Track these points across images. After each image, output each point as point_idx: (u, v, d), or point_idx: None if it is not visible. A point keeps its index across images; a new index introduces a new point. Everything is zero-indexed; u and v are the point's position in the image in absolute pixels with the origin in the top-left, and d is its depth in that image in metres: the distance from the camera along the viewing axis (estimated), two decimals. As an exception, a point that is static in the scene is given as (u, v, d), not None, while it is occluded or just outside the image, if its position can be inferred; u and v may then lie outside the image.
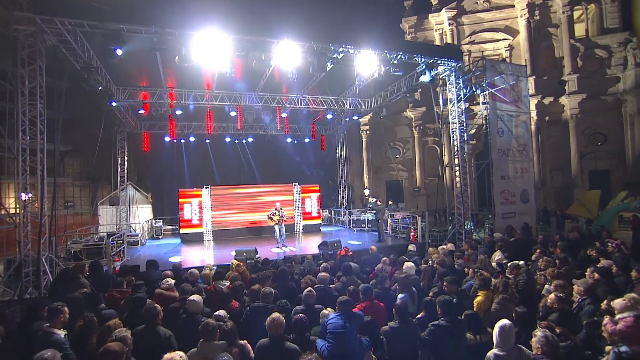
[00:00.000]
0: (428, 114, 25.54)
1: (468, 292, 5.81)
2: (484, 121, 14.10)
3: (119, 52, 8.64)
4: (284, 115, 15.05)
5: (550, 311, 4.68)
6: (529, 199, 12.83)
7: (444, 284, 5.40)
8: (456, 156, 12.90)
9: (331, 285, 6.21)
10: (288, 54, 9.91)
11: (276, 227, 12.98)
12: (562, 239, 8.55)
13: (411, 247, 9.51)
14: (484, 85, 12.58)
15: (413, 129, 26.85)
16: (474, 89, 13.41)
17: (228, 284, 6.35)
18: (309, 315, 4.88)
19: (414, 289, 6.01)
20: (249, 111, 14.57)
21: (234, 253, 10.73)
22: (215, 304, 5.72)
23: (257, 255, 10.97)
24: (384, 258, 7.82)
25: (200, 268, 7.76)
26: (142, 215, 17.62)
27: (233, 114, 14.39)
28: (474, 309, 5.35)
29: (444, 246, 9.33)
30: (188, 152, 18.80)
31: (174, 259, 11.40)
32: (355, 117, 16.56)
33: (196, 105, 15.71)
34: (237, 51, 9.52)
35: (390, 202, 16.37)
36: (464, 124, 12.58)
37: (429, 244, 13.80)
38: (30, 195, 16.44)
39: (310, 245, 13.40)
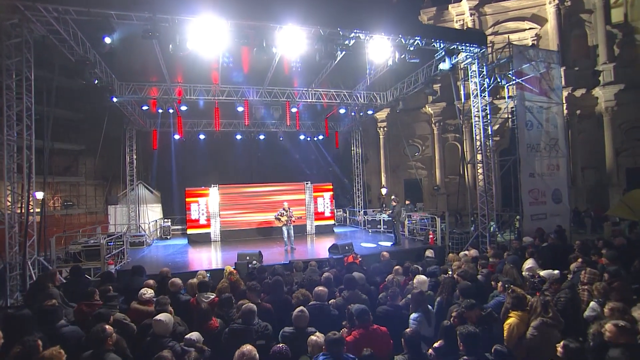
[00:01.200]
0: (448, 109, 24.15)
1: (496, 314, 4.72)
2: (509, 115, 12.83)
3: (107, 40, 7.92)
4: (294, 110, 14.15)
5: (608, 345, 3.56)
6: (562, 199, 11.45)
7: (463, 310, 4.31)
8: (479, 152, 11.65)
9: (331, 301, 5.25)
10: (292, 41, 8.98)
11: (284, 228, 12.09)
12: (606, 245, 7.26)
13: (429, 252, 8.40)
14: (509, 75, 11.31)
15: (432, 125, 25.46)
16: (498, 80, 12.15)
17: (213, 297, 5.47)
18: (298, 342, 3.94)
19: (430, 307, 4.97)
20: (257, 106, 13.71)
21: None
22: (193, 322, 4.86)
23: (260, 259, 10.11)
24: (397, 267, 6.77)
25: (197, 273, 6.94)
26: (152, 214, 17.07)
27: (240, 109, 13.58)
28: (505, 335, 4.29)
29: (466, 252, 8.20)
30: (198, 150, 18.16)
31: (177, 262, 10.67)
32: (369, 112, 15.48)
33: (205, 103, 15.05)
34: (236, 38, 8.64)
35: (407, 202, 15.23)
36: (488, 116, 11.31)
37: (449, 247, 12.63)
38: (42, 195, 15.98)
39: (321, 248, 12.44)
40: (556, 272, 5.65)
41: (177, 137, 17.02)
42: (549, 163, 11.36)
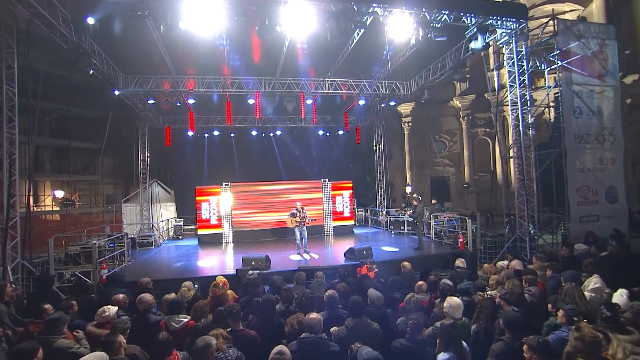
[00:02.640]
0: (478, 102, 22.32)
1: (557, 353, 3.33)
2: (549, 104, 11.14)
3: (90, 20, 6.96)
4: (309, 101, 12.92)
5: None
6: (618, 198, 9.66)
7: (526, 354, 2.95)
8: (516, 144, 10.02)
9: (333, 329, 4.00)
10: (299, 18, 7.75)
11: (297, 229, 10.91)
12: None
13: (460, 262, 6.97)
14: (550, 59, 9.64)
15: (461, 119, 23.63)
16: (538, 64, 10.48)
17: (187, 320, 4.33)
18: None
19: (464, 344, 3.63)
20: (270, 98, 12.58)
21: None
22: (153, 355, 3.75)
23: (267, 265, 8.97)
24: (420, 283, 5.41)
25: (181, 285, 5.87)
26: (165, 213, 16.36)
27: (251, 101, 12.49)
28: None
29: (505, 262, 6.71)
30: (212, 147, 17.29)
31: (179, 266, 9.71)
32: (392, 103, 14.03)
33: (219, 98, 14.12)
34: (235, 16, 7.52)
35: (434, 201, 13.68)
36: (528, 102, 9.65)
37: (480, 252, 11.07)
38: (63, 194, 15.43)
39: (337, 252, 11.17)
40: (624, 292, 4.21)
41: (190, 133, 16.17)
42: (601, 156, 9.60)
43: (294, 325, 3.87)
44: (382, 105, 13.84)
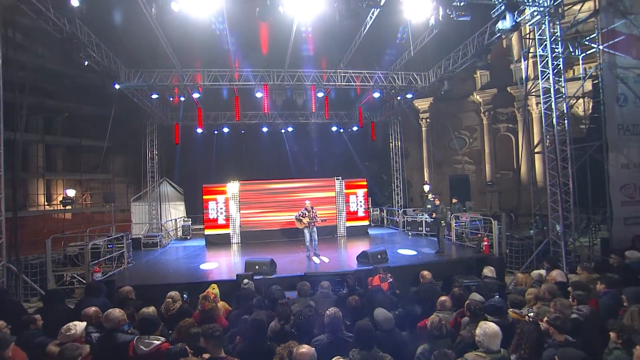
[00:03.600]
0: (500, 96, 21.00)
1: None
2: (583, 92, 9.93)
3: (74, 2, 6.28)
4: (320, 94, 12.06)
5: None
6: (669, 198, 8.42)
7: None
8: (548, 138, 8.87)
9: (335, 361, 3.13)
10: (305, -3, 6.91)
11: (306, 231, 10.06)
12: None
13: (488, 270, 5.95)
14: (585, 43, 8.49)
15: (481, 114, 22.27)
16: (571, 49, 9.34)
17: (159, 343, 3.53)
18: None
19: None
20: (278, 91, 11.77)
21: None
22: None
23: (271, 270, 8.16)
24: (443, 298, 4.47)
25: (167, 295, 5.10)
26: (175, 213, 15.80)
27: (259, 95, 11.72)
28: None
29: (541, 272, 5.68)
30: (222, 145, 16.63)
31: (179, 269, 9.01)
32: (409, 96, 13.00)
33: (229, 93, 13.47)
34: (234, -5, 6.73)
35: (454, 201, 12.59)
36: (562, 90, 8.49)
37: (506, 256, 9.97)
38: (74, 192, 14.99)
39: (350, 255, 10.26)
40: None
41: (199, 130, 15.55)
42: (651, 150, 8.38)
43: (284, 358, 3.02)
44: (399, 97, 12.81)
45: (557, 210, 8.40)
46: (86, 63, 8.75)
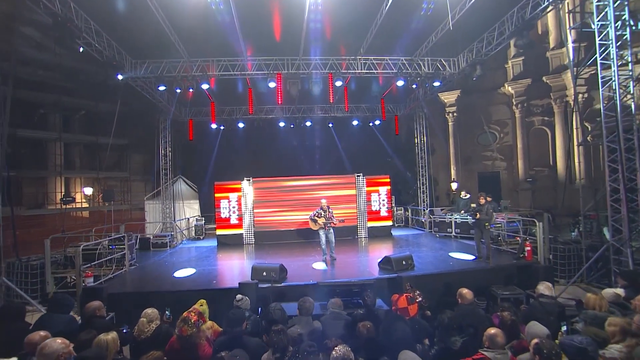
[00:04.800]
0: (534, 87, 19.12)
1: None
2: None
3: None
4: (338, 83, 10.89)
5: None
6: None
7: None
8: (607, 126, 7.32)
9: None
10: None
11: (321, 232, 8.96)
12: None
13: (544, 287, 4.58)
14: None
15: (513, 107, 20.41)
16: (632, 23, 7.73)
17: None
18: None
19: None
20: (293, 80, 10.70)
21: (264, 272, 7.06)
22: None
23: (280, 277, 7.08)
24: (492, 331, 3.22)
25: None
26: (189, 211, 15.05)
27: (272, 85, 10.68)
28: None
29: (620, 291, 4.32)
30: (238, 141, 15.76)
31: (181, 274, 8.09)
32: (436, 84, 11.63)
33: (243, 86, 12.55)
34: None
35: (488, 199, 11.11)
36: (630, 64, 6.95)
37: (550, 262, 8.48)
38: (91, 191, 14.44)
39: (371, 260, 9.06)
40: None
41: (214, 126, 14.74)
42: None
43: None
44: (426, 85, 11.45)
45: (620, 211, 6.89)
46: (81, 49, 7.94)
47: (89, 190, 16.69)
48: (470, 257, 8.78)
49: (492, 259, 8.06)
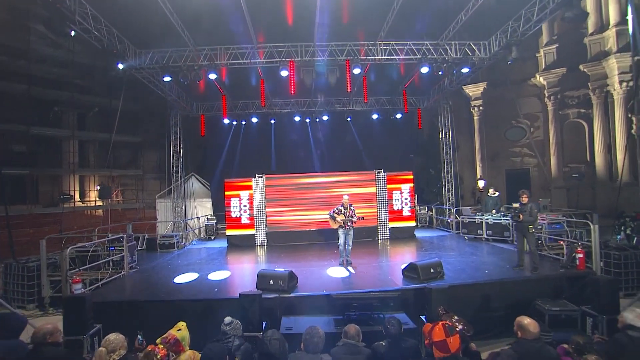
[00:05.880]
0: (569, 77, 17.46)
1: None
2: None
3: None
4: (356, 71, 9.85)
5: None
6: None
7: None
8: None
9: None
10: None
11: (340, 232, 7.97)
12: None
13: (633, 316, 3.37)
14: None
15: (545, 99, 18.76)
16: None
17: None
18: None
19: None
20: (307, 69, 9.72)
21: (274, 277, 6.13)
22: None
23: (290, 286, 6.12)
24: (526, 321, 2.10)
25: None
26: (201, 210, 14.33)
27: (284, 73, 9.73)
28: None
29: None
30: (251, 136, 14.91)
31: (182, 280, 7.24)
32: (464, 70, 10.40)
33: (256, 79, 11.71)
34: None
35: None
36: None
37: (602, 270, 7.15)
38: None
39: (393, 267, 7.98)
40: None
41: (226, 121, 13.95)
42: None
43: None
44: (453, 72, 10.20)
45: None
46: (73, 33, 7.20)
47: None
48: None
49: (539, 268, 6.83)
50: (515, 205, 7.11)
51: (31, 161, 14.76)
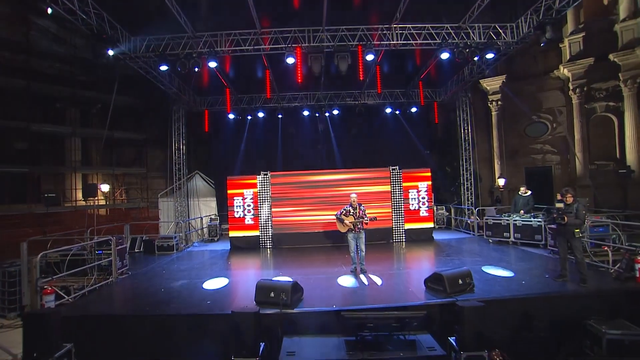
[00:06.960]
0: (597, 68, 16.04)
1: None
2: None
3: None
4: (369, 57, 8.84)
5: None
6: None
7: None
8: None
9: None
10: None
11: (350, 236, 6.98)
12: None
13: None
14: None
15: (570, 92, 17.36)
16: None
17: None
18: None
19: None
20: (315, 55, 8.75)
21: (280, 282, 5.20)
22: None
23: (293, 301, 5.17)
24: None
25: None
26: (206, 210, 13.51)
27: (290, 60, 8.79)
28: None
29: None
30: (257, 132, 14.03)
31: (173, 288, 6.36)
32: (489, 55, 9.29)
33: (262, 70, 10.85)
34: None
35: (559, 197, 8.67)
36: None
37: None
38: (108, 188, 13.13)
39: (412, 276, 6.96)
40: None
41: (231, 116, 13.11)
42: None
43: None
44: (477, 58, 9.08)
45: None
46: (49, 11, 6.37)
47: (105, 187, 15.56)
48: (506, 273, 6.51)
49: (556, 272, 5.78)
50: (559, 205, 6.01)
51: (33, 159, 14.16)
